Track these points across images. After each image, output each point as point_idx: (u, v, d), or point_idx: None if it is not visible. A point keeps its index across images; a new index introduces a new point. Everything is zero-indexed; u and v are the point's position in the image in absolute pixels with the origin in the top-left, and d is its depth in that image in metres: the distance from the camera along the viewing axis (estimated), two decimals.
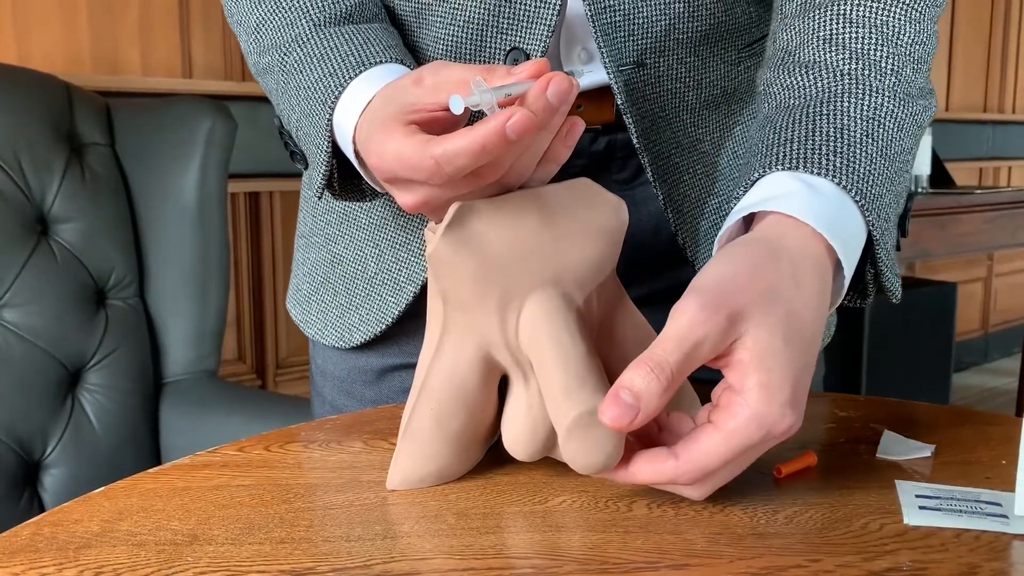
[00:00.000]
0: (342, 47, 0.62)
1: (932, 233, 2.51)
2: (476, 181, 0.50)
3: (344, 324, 0.77)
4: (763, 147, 0.57)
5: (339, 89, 0.59)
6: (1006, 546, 0.46)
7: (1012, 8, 4.31)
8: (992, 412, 0.68)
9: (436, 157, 0.48)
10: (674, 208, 0.70)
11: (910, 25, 0.61)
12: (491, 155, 0.47)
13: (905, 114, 0.59)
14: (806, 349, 0.48)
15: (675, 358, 0.46)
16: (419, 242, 0.72)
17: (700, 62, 0.70)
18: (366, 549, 0.46)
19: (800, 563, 0.44)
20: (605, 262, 0.54)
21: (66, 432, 1.38)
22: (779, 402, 0.46)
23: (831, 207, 0.52)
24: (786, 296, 0.48)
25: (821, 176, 0.53)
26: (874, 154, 0.55)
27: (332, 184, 0.63)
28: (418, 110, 0.52)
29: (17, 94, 1.39)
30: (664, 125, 0.70)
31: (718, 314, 0.46)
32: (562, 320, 0.51)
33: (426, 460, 0.54)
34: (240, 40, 0.70)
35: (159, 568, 0.44)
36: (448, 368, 0.53)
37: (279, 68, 0.66)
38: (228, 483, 0.54)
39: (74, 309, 1.39)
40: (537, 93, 0.47)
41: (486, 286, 0.51)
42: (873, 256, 0.56)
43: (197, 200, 1.49)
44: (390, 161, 0.52)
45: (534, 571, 0.44)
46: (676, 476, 0.48)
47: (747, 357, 0.47)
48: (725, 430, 0.47)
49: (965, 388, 3.95)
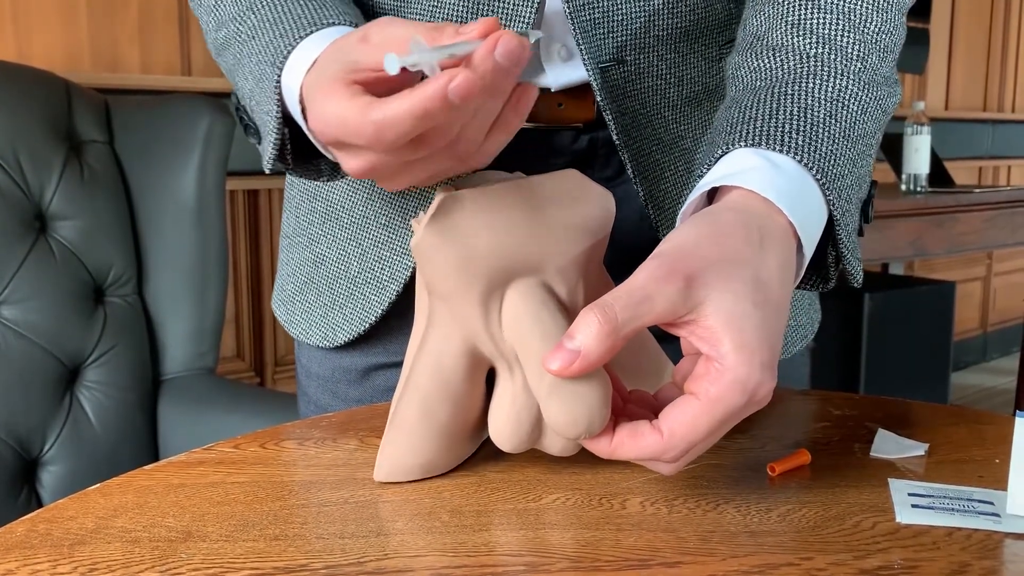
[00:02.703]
0: (295, 10, 0.60)
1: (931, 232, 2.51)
2: (422, 147, 0.48)
3: (328, 324, 0.77)
4: (727, 125, 0.57)
5: (288, 49, 0.57)
6: (998, 544, 0.46)
7: (1012, 8, 4.31)
8: (987, 411, 0.68)
9: (376, 122, 0.46)
10: (655, 205, 0.70)
11: (878, 14, 0.61)
12: (433, 120, 0.45)
13: (869, 98, 0.59)
14: (776, 314, 0.48)
15: (621, 305, 0.45)
16: (401, 241, 0.72)
17: (681, 58, 0.70)
18: (360, 546, 0.46)
19: (792, 561, 0.44)
20: (591, 253, 0.54)
21: (64, 429, 1.38)
22: (759, 362, 0.46)
23: (792, 184, 0.52)
24: (753, 263, 0.48)
25: (782, 153, 0.53)
26: (837, 135, 0.55)
27: (284, 156, 0.60)
28: (361, 69, 0.49)
29: (16, 91, 1.39)
30: (645, 122, 0.70)
31: (674, 274, 0.46)
32: (541, 303, 0.51)
33: (413, 451, 0.54)
34: (201, 22, 0.69)
35: (153, 565, 0.44)
36: (434, 360, 0.53)
37: (235, 38, 0.64)
38: (223, 480, 0.55)
39: (73, 306, 1.39)
40: (484, 54, 0.44)
41: (470, 277, 0.51)
42: (834, 237, 0.56)
43: (196, 198, 1.49)
44: (331, 124, 0.49)
45: (527, 568, 0.44)
46: (662, 452, 0.47)
47: (715, 322, 0.46)
48: (707, 398, 0.46)
49: (964, 387, 3.95)
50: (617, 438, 0.48)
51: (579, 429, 0.48)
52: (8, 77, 1.40)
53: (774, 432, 0.62)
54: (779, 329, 0.48)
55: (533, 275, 0.52)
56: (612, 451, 0.48)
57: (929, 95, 3.96)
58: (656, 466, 0.49)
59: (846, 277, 0.58)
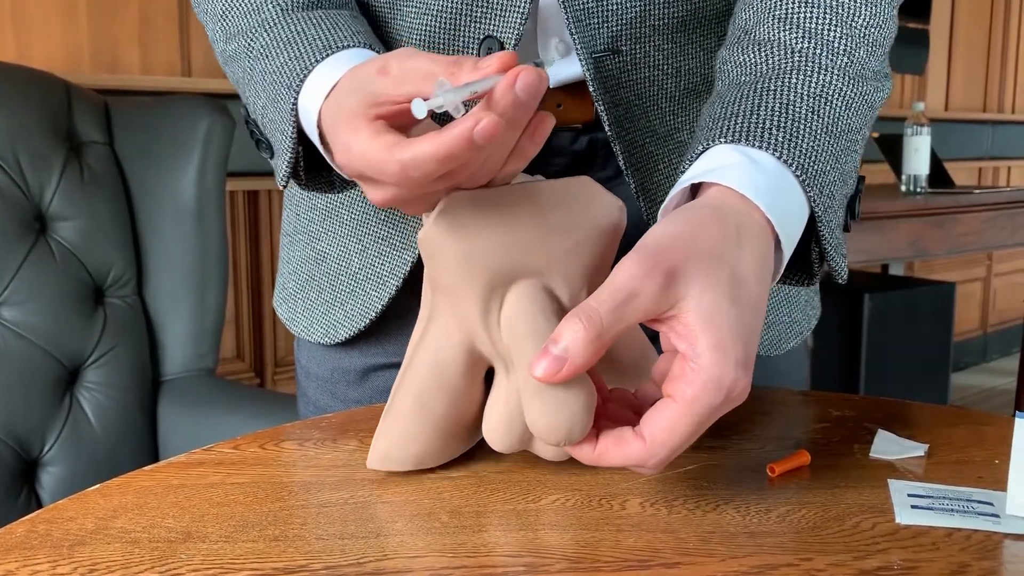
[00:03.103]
0: (309, 31, 0.61)
1: (931, 233, 2.51)
2: (445, 181, 0.50)
3: (329, 320, 0.77)
4: (710, 121, 0.57)
5: (304, 72, 0.58)
6: (997, 545, 0.46)
7: (1012, 8, 4.31)
8: (986, 412, 0.68)
9: (402, 162, 0.47)
10: (647, 197, 0.70)
11: (867, 8, 0.61)
12: (458, 161, 0.47)
13: (854, 94, 0.59)
14: (752, 311, 0.48)
15: (606, 308, 0.46)
16: (401, 236, 0.72)
17: (678, 49, 0.70)
18: (359, 547, 0.46)
19: (791, 561, 0.44)
20: (597, 260, 0.54)
21: (64, 430, 1.38)
22: (733, 361, 0.46)
23: (771, 181, 0.52)
24: (729, 259, 0.48)
25: (762, 150, 0.53)
26: (819, 131, 0.55)
27: (298, 173, 0.62)
28: (382, 102, 0.51)
29: (16, 92, 1.39)
30: (640, 113, 0.70)
31: (655, 270, 0.46)
32: (539, 307, 0.51)
33: (406, 442, 0.54)
34: (207, 29, 0.69)
35: (152, 565, 0.44)
36: (432, 353, 0.53)
37: (245, 54, 0.64)
38: (223, 481, 0.55)
39: (72, 307, 1.39)
40: (504, 89, 0.45)
41: (472, 273, 0.51)
42: (817, 234, 0.56)
43: (196, 198, 1.49)
44: (356, 160, 0.51)
45: (526, 569, 0.44)
46: (646, 459, 0.47)
47: (694, 320, 0.46)
48: (684, 400, 0.46)
49: (964, 388, 3.95)
50: (601, 445, 0.49)
51: (559, 435, 0.48)
52: (8, 78, 1.40)
53: (774, 433, 0.62)
54: (755, 326, 0.48)
55: (536, 278, 0.52)
56: (597, 458, 0.49)
57: (929, 96, 3.96)
58: (639, 469, 0.49)
59: (831, 274, 0.58)
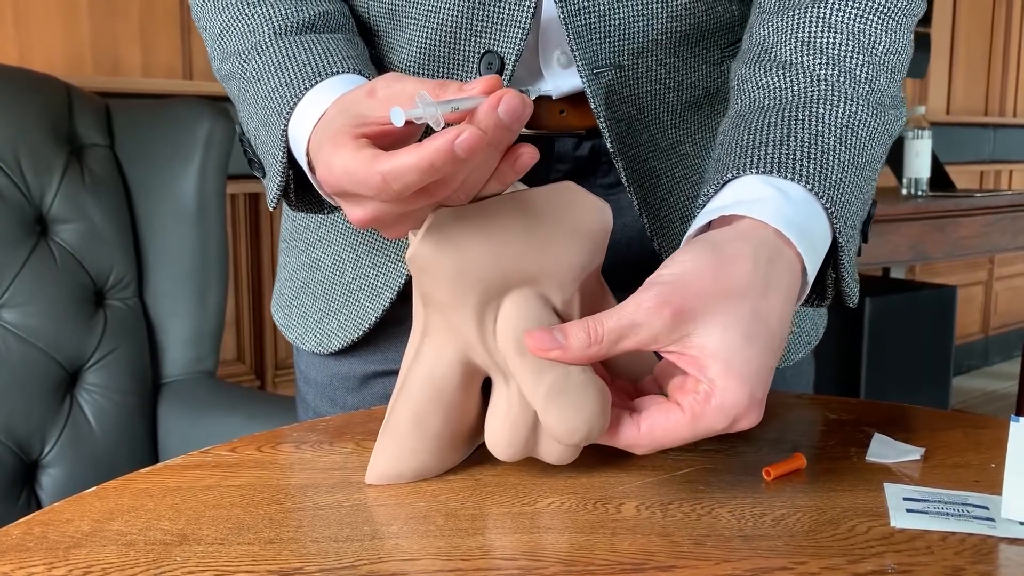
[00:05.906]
0: (300, 56, 0.62)
1: (932, 236, 2.51)
2: (426, 198, 0.49)
3: (323, 330, 0.77)
4: (736, 148, 0.57)
5: (294, 100, 0.59)
6: (992, 549, 0.47)
7: (1013, 11, 4.31)
8: (983, 415, 0.68)
9: (383, 173, 0.47)
10: (650, 213, 0.70)
11: (887, 35, 0.61)
12: (440, 172, 0.46)
13: (877, 123, 0.59)
14: (768, 350, 0.49)
15: (610, 325, 0.48)
16: (396, 247, 0.72)
17: (681, 63, 0.70)
18: (354, 550, 0.46)
19: (786, 565, 0.44)
20: (587, 263, 0.54)
21: (64, 432, 1.38)
22: (748, 393, 0.48)
23: (801, 213, 0.53)
24: (752, 296, 0.49)
25: (793, 181, 0.54)
26: (846, 162, 0.56)
27: (288, 195, 0.63)
28: (368, 123, 0.51)
29: (17, 95, 1.39)
30: (642, 128, 0.70)
31: (665, 307, 0.48)
32: (536, 316, 0.51)
33: (404, 458, 0.54)
34: (206, 45, 0.70)
35: (148, 568, 0.44)
36: (427, 370, 0.53)
37: (239, 75, 0.65)
38: (219, 483, 0.55)
39: (73, 309, 1.39)
40: (487, 110, 0.46)
41: (464, 288, 0.51)
42: (836, 261, 0.57)
43: (196, 201, 1.49)
44: (338, 175, 0.50)
45: (521, 572, 0.44)
46: (634, 445, 0.50)
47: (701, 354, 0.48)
48: (691, 414, 0.48)
49: (965, 391, 3.95)
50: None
51: (578, 437, 0.50)
52: (9, 80, 1.40)
53: (770, 436, 0.62)
54: (769, 365, 0.49)
55: (529, 286, 0.52)
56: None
57: (930, 99, 3.96)
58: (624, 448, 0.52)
59: (842, 297, 0.59)
